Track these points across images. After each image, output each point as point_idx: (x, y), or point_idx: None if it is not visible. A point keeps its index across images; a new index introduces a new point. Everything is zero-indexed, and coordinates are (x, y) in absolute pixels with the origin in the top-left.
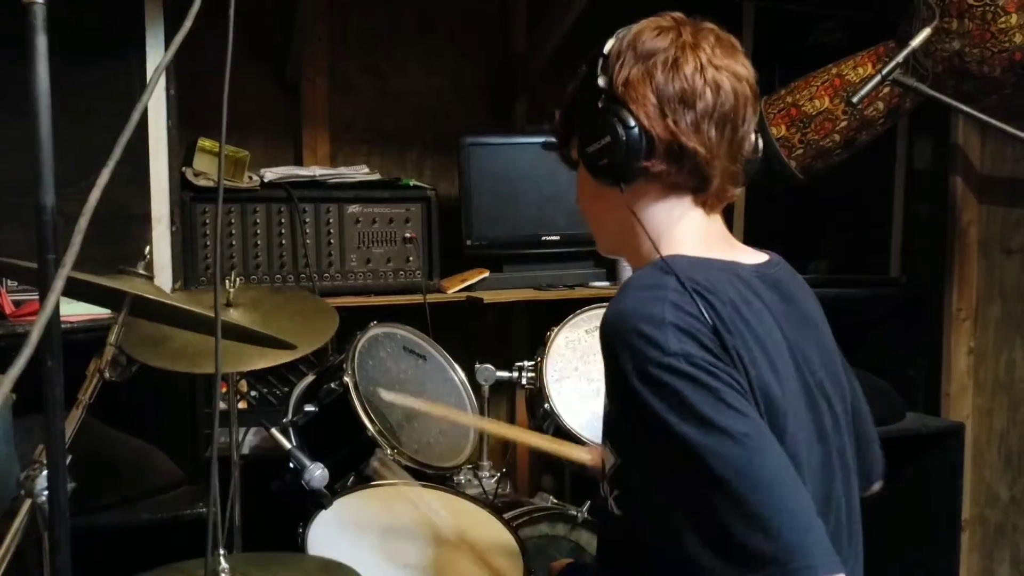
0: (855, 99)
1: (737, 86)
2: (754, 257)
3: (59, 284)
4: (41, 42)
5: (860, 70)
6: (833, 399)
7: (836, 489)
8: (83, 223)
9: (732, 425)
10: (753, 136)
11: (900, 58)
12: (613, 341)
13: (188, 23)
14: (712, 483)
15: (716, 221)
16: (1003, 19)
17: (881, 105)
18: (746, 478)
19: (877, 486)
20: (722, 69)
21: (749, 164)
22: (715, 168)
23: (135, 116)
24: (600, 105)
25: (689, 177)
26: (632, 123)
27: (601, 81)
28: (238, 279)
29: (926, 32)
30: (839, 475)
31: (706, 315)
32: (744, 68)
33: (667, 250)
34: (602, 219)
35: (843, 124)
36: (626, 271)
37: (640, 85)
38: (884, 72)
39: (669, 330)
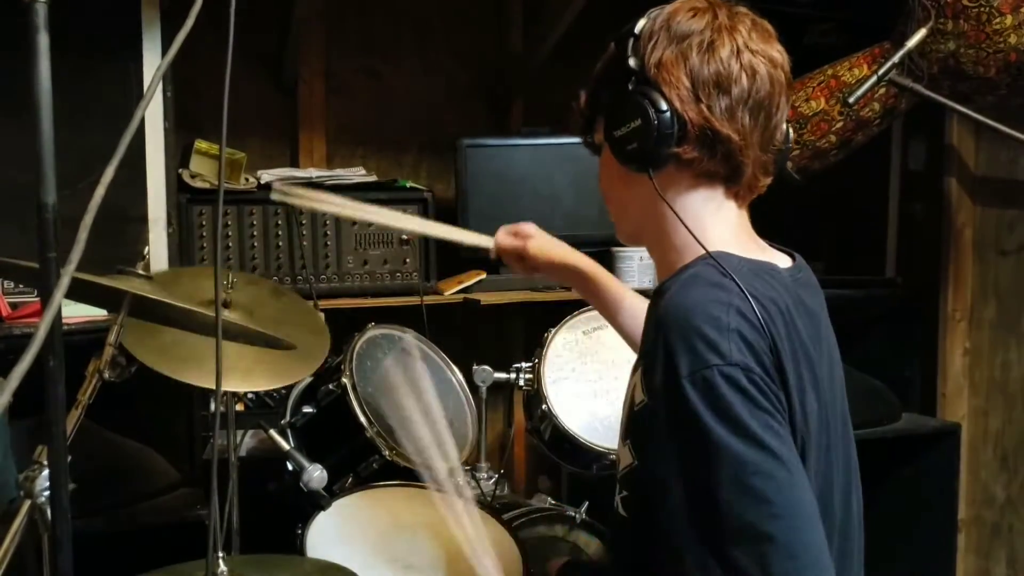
0: (851, 100)
1: (773, 72)
2: (782, 258)
3: (65, 281)
4: (43, 41)
5: (856, 71)
6: (839, 403)
7: (837, 491)
8: (88, 220)
9: (777, 448)
10: (785, 125)
11: (896, 59)
12: (671, 336)
13: (189, 22)
14: (752, 497)
15: (745, 216)
16: (998, 20)
17: (877, 106)
18: (789, 503)
19: None
20: (758, 54)
21: (780, 154)
22: (748, 157)
23: (138, 115)
24: (630, 87)
25: (721, 165)
26: (664, 106)
27: (632, 62)
28: (234, 280)
29: (922, 33)
30: (841, 478)
31: (767, 329)
32: (779, 54)
33: (704, 245)
34: (625, 205)
35: (839, 125)
36: (625, 271)
37: (674, 67)
38: (880, 73)
39: (733, 338)
